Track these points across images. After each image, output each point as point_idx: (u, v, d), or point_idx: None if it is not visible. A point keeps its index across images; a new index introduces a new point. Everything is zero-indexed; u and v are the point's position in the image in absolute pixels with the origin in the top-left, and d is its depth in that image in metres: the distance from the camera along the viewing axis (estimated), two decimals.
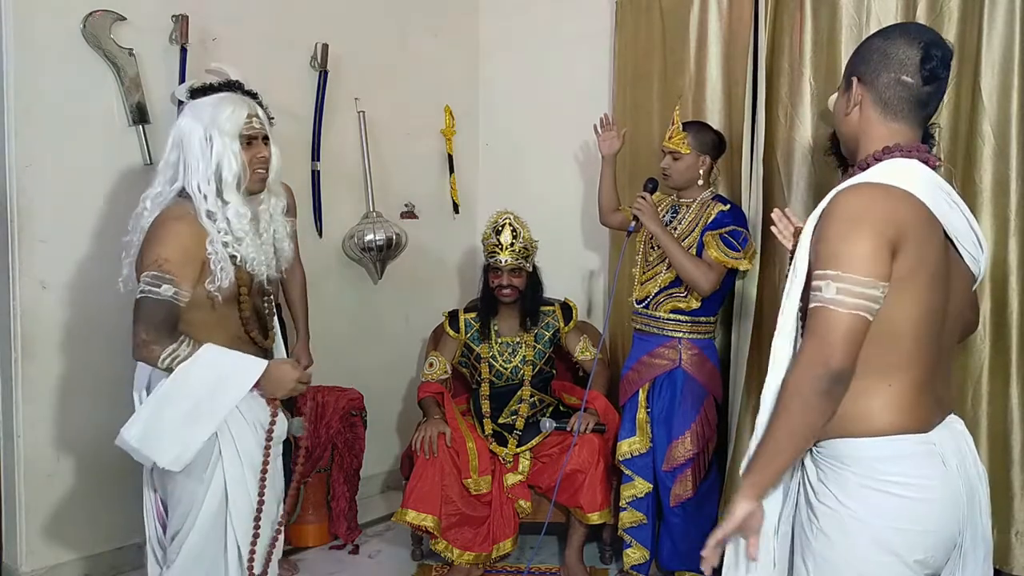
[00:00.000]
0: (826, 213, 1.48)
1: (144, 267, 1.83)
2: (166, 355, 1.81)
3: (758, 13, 3.08)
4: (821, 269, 1.43)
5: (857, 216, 1.43)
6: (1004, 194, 2.77)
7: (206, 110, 1.96)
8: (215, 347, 1.87)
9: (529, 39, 3.92)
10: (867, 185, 1.48)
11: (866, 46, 1.58)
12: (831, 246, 1.43)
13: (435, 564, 3.18)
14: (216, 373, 1.86)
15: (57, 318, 2.86)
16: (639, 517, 2.94)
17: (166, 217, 1.90)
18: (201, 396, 1.85)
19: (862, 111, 1.56)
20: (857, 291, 1.39)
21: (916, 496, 1.45)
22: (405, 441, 3.81)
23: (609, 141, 3.10)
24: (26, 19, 2.73)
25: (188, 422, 1.85)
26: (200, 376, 1.84)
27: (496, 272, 3.15)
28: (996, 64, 2.75)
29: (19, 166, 2.75)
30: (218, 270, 1.90)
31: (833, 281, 1.40)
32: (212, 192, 1.93)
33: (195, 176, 1.93)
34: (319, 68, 3.49)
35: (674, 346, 2.88)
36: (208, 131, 1.94)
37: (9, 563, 2.88)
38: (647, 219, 2.79)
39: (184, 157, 1.95)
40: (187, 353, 1.82)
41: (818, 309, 1.41)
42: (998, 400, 2.82)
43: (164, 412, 1.85)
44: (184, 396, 1.84)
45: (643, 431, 2.93)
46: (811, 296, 1.44)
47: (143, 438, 1.85)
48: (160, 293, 1.81)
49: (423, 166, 3.97)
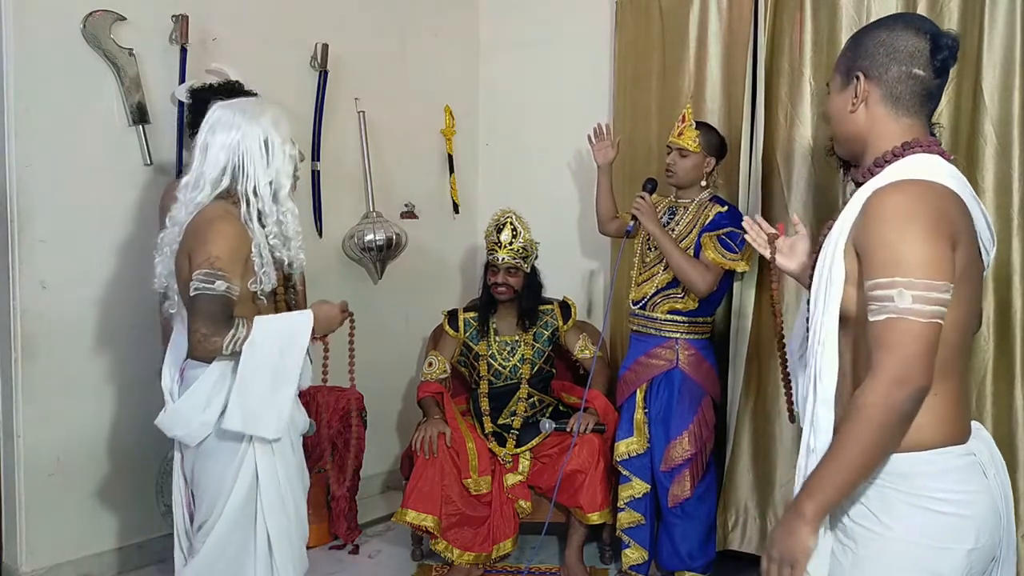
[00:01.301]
0: (871, 215, 1.37)
1: (196, 266, 1.88)
2: (228, 342, 1.87)
3: (758, 13, 3.08)
4: (886, 276, 1.32)
5: (912, 215, 1.33)
6: (1006, 193, 2.77)
7: (269, 117, 2.00)
8: (262, 318, 1.96)
9: (529, 39, 3.92)
10: (910, 182, 1.38)
11: (868, 40, 1.47)
12: (893, 250, 1.32)
13: (435, 564, 3.18)
14: (278, 338, 1.95)
15: (57, 318, 2.86)
16: (637, 518, 2.94)
17: (211, 217, 1.94)
18: (274, 363, 1.94)
19: (869, 108, 1.47)
20: (933, 297, 1.30)
21: (962, 513, 1.37)
22: (405, 441, 3.81)
23: (604, 151, 3.11)
24: (26, 19, 2.73)
25: (273, 390, 1.94)
26: (266, 346, 1.93)
27: (494, 270, 3.16)
28: (997, 63, 2.75)
29: (19, 166, 2.75)
30: (261, 273, 1.97)
31: (906, 289, 1.29)
32: (268, 195, 1.98)
33: (252, 180, 1.97)
34: (319, 68, 3.49)
35: (671, 346, 2.88)
36: (268, 136, 1.98)
37: (9, 563, 2.88)
38: (646, 219, 2.79)
39: (239, 162, 1.97)
40: (245, 333, 1.89)
41: (892, 321, 1.30)
42: (1002, 401, 2.81)
43: (251, 391, 1.92)
44: (261, 369, 1.92)
45: (640, 432, 2.93)
46: (875, 307, 1.33)
47: (245, 421, 1.92)
48: (214, 289, 1.86)
49: (423, 166, 3.97)
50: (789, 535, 1.36)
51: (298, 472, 2.10)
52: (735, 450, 3.08)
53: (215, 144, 1.97)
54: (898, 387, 1.29)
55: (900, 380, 1.29)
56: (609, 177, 3.13)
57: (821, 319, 1.42)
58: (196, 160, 2.00)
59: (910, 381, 1.29)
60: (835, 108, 1.53)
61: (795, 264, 1.76)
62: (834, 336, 1.41)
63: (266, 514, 1.99)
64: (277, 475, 2.01)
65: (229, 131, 1.97)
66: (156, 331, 2.81)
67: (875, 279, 1.33)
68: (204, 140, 2.00)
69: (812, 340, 1.45)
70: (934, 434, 1.38)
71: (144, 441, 2.95)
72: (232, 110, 2.01)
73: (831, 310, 1.41)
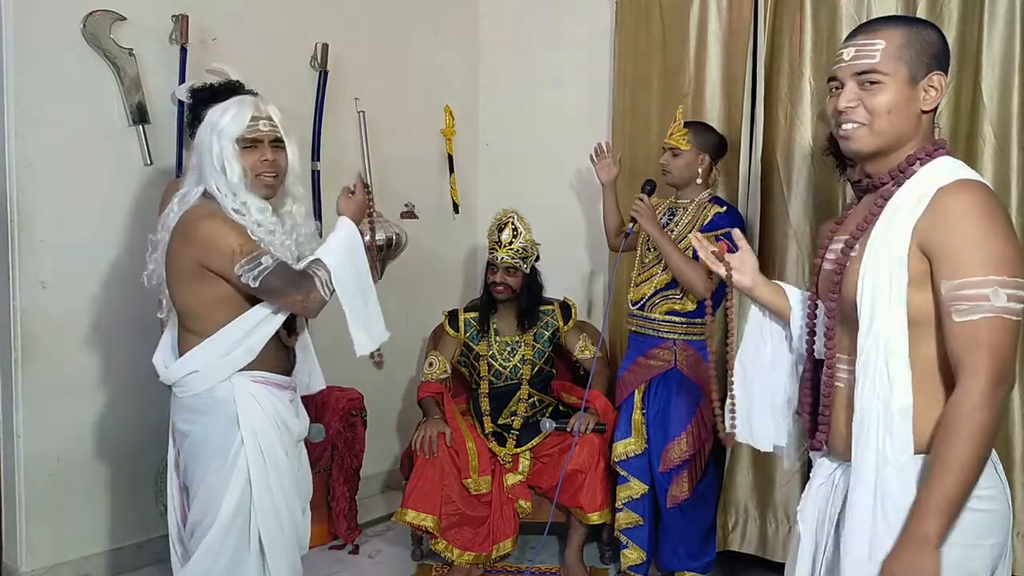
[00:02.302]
0: (946, 215, 1.34)
1: (231, 263, 1.89)
2: (320, 289, 1.94)
3: (758, 13, 3.08)
4: (978, 275, 1.29)
5: (992, 214, 1.33)
6: (1005, 194, 2.76)
7: (215, 113, 2.01)
8: (322, 247, 2.04)
9: (529, 39, 3.92)
10: (976, 182, 1.37)
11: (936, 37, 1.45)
12: (983, 249, 1.30)
13: (435, 564, 3.18)
14: (347, 256, 2.05)
15: (57, 318, 2.86)
16: (635, 518, 2.94)
17: (201, 215, 1.95)
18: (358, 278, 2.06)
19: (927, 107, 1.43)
20: (1022, 295, 1.31)
21: (990, 508, 1.38)
22: (405, 441, 3.81)
23: (606, 168, 3.11)
24: (26, 19, 2.73)
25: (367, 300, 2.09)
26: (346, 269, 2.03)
27: (493, 268, 3.16)
28: (996, 64, 2.75)
29: (19, 166, 2.75)
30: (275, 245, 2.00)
31: (1001, 288, 1.28)
32: (230, 193, 1.98)
33: (211, 178, 1.98)
34: (319, 68, 3.49)
35: (669, 347, 2.88)
36: (212, 134, 1.98)
37: (9, 563, 2.88)
38: (644, 221, 2.79)
39: (200, 160, 2.00)
40: (327, 273, 1.97)
41: (988, 320, 1.29)
42: None
43: (360, 312, 2.05)
44: (356, 290, 2.04)
45: (639, 432, 2.93)
46: (964, 307, 1.30)
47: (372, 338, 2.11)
48: (268, 265, 1.89)
49: (423, 166, 3.97)
50: (915, 567, 1.30)
51: (293, 480, 2.07)
52: (734, 450, 3.08)
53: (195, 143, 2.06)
54: (1000, 387, 1.29)
55: (1001, 380, 1.29)
56: (614, 193, 3.13)
57: (887, 327, 1.37)
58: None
59: (1008, 380, 1.30)
60: (899, 99, 1.42)
61: (749, 280, 1.75)
62: (905, 343, 1.36)
63: (259, 521, 1.97)
64: (269, 483, 1.99)
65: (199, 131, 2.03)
66: (156, 331, 2.81)
67: (964, 278, 1.31)
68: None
69: (873, 350, 1.38)
70: None
71: (143, 441, 2.95)
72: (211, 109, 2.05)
73: (900, 316, 1.36)
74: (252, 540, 1.98)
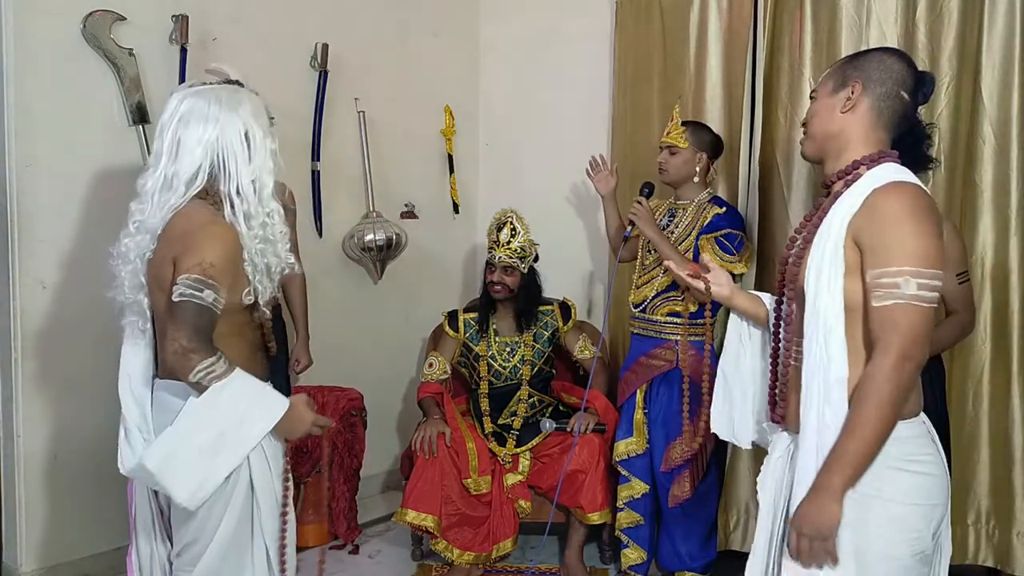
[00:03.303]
0: (874, 212, 1.52)
1: (184, 271, 1.66)
2: (201, 368, 1.64)
3: (758, 13, 3.08)
4: (894, 266, 1.47)
5: (915, 212, 1.49)
6: (1005, 194, 2.77)
7: (243, 105, 1.80)
8: (244, 374, 1.72)
9: (529, 39, 3.92)
10: (907, 184, 1.54)
11: (870, 57, 1.66)
12: (901, 243, 1.48)
13: (435, 564, 3.18)
14: (246, 402, 1.71)
15: (57, 318, 2.86)
16: (636, 518, 2.94)
17: (203, 221, 1.73)
18: (228, 426, 1.70)
19: (855, 113, 1.63)
20: (934, 284, 1.47)
21: (927, 472, 1.55)
22: (405, 441, 3.81)
23: (604, 180, 3.11)
24: (26, 19, 2.73)
25: (211, 453, 1.69)
26: (230, 402, 1.68)
27: (491, 268, 3.16)
28: (996, 64, 2.75)
29: (19, 166, 2.75)
30: (256, 283, 1.79)
31: (912, 277, 1.46)
32: (252, 195, 1.78)
33: (235, 180, 1.76)
34: (319, 68, 3.49)
35: (671, 347, 2.88)
36: (249, 129, 1.78)
37: (9, 563, 2.88)
38: (643, 224, 2.80)
39: (220, 160, 1.76)
40: (222, 371, 1.66)
41: (899, 306, 1.47)
42: (999, 400, 2.82)
43: (188, 440, 1.68)
44: (212, 422, 1.68)
45: (640, 432, 2.93)
46: (881, 293, 1.48)
47: (163, 465, 1.66)
48: (203, 299, 1.65)
49: (423, 166, 3.97)
50: (820, 512, 1.49)
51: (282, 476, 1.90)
52: (736, 450, 3.09)
53: (189, 139, 1.74)
54: (906, 362, 1.46)
55: (907, 356, 1.46)
56: (614, 204, 3.13)
57: (826, 309, 1.55)
58: (164, 157, 1.76)
59: (914, 357, 1.47)
60: (822, 107, 1.68)
61: (727, 290, 1.96)
62: (841, 323, 1.54)
63: (263, 522, 1.82)
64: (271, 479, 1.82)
65: (205, 124, 1.75)
66: None
67: (883, 268, 1.48)
68: (173, 134, 1.75)
69: (814, 328, 1.56)
70: (912, 404, 1.56)
71: None
72: (205, 99, 1.77)
73: (836, 299, 1.54)
74: (256, 546, 1.83)
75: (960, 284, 2.45)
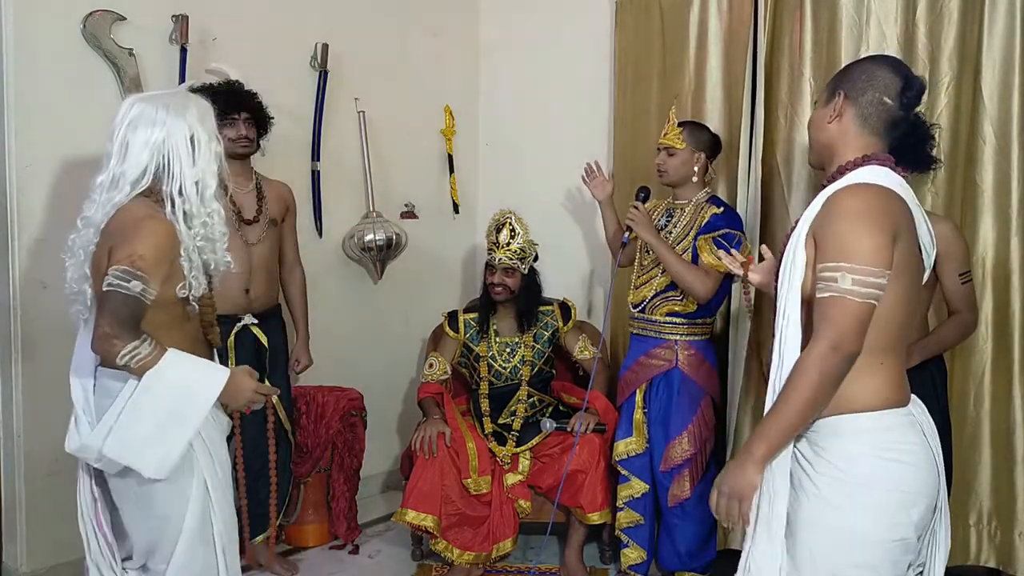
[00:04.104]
0: (828, 211, 1.63)
1: (115, 261, 1.76)
2: (126, 352, 1.74)
3: (758, 13, 3.08)
4: (833, 261, 1.57)
5: (862, 212, 1.59)
6: (1005, 194, 2.77)
7: (189, 110, 1.88)
8: (178, 352, 1.82)
9: (529, 39, 3.92)
10: (863, 185, 1.63)
11: (855, 67, 1.77)
12: (841, 240, 1.58)
13: (435, 564, 3.18)
14: (184, 380, 1.82)
15: (57, 318, 2.84)
16: (636, 517, 2.94)
17: (139, 216, 1.82)
18: (172, 404, 1.81)
19: (842, 122, 1.72)
20: (870, 281, 1.55)
21: (908, 461, 1.62)
22: (405, 441, 3.81)
23: (600, 186, 3.12)
24: (26, 19, 2.73)
25: (165, 428, 1.81)
26: (169, 382, 1.80)
27: (491, 269, 3.16)
28: (996, 64, 2.75)
29: (19, 166, 2.75)
30: (191, 277, 1.87)
31: (848, 273, 1.55)
32: (195, 196, 1.87)
33: (178, 180, 1.85)
34: (319, 68, 3.49)
35: (671, 347, 2.88)
36: (195, 133, 1.87)
37: (9, 563, 2.88)
38: (641, 229, 2.80)
39: (164, 162, 1.85)
40: (148, 353, 1.76)
41: (833, 299, 1.56)
42: (1001, 400, 2.82)
43: (139, 420, 1.79)
44: (157, 404, 1.79)
45: (640, 432, 2.93)
46: (821, 286, 1.59)
47: (122, 448, 1.79)
48: (129, 289, 1.74)
49: (423, 166, 3.97)
50: (741, 474, 1.64)
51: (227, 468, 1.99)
52: (735, 450, 3.08)
53: (136, 142, 1.84)
54: (833, 352, 1.56)
55: (835, 346, 1.55)
56: (612, 209, 3.13)
57: (787, 296, 1.68)
58: (113, 158, 1.86)
59: (843, 348, 1.56)
60: (816, 118, 1.80)
61: (759, 277, 2.06)
62: (798, 310, 1.66)
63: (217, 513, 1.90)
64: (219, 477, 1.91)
65: (152, 128, 1.84)
66: None
67: (824, 263, 1.60)
68: (122, 137, 1.85)
69: (779, 314, 1.69)
70: (884, 397, 1.63)
71: None
72: (153, 105, 1.86)
73: (795, 289, 1.66)
74: (217, 542, 1.92)
75: (963, 284, 2.46)
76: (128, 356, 1.74)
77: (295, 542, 3.31)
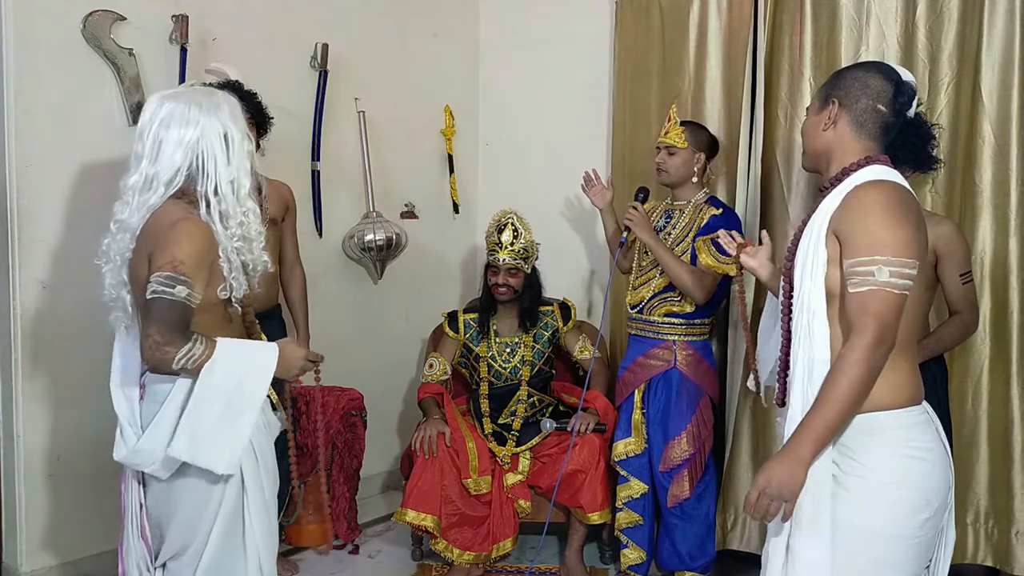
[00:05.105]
0: (852, 206, 1.64)
1: (156, 268, 1.73)
2: (181, 356, 1.71)
3: (758, 13, 3.08)
4: (867, 255, 1.58)
5: (888, 206, 1.60)
6: (1004, 194, 2.77)
7: (222, 108, 1.84)
8: (227, 340, 1.80)
9: (529, 39, 3.92)
10: (883, 181, 1.65)
11: (847, 75, 1.78)
12: (872, 234, 1.59)
13: (435, 564, 3.18)
14: (239, 366, 1.79)
15: (57, 318, 2.86)
16: (635, 518, 2.95)
17: (175, 219, 1.77)
18: (231, 391, 1.78)
19: (837, 129, 1.75)
20: (906, 272, 1.57)
21: (929, 459, 1.64)
22: (405, 441, 3.81)
23: (600, 194, 3.11)
24: (26, 19, 2.73)
25: (228, 421, 1.78)
26: (224, 372, 1.76)
27: (494, 270, 3.16)
28: (996, 64, 2.75)
29: (19, 166, 2.75)
30: (231, 279, 1.83)
31: (884, 265, 1.56)
32: (231, 195, 1.83)
33: (213, 180, 1.81)
34: (319, 68, 3.49)
35: (669, 347, 2.88)
36: (228, 131, 1.83)
37: (9, 563, 2.88)
38: (639, 230, 2.80)
39: (199, 161, 1.81)
40: (201, 351, 1.73)
41: (872, 292, 1.57)
42: (998, 399, 2.82)
43: (203, 418, 1.76)
44: (216, 396, 1.76)
45: (639, 432, 2.93)
46: (856, 280, 1.58)
47: (192, 450, 1.75)
48: (174, 294, 1.71)
49: (423, 166, 3.97)
50: (790, 477, 1.59)
51: (274, 476, 1.96)
52: (734, 450, 3.09)
53: (170, 141, 1.79)
54: (879, 345, 1.56)
55: (880, 340, 1.56)
56: (613, 215, 3.12)
57: (810, 294, 1.68)
58: (145, 159, 1.81)
59: (886, 341, 1.57)
60: (809, 126, 1.82)
61: (755, 262, 2.09)
62: (823, 307, 1.67)
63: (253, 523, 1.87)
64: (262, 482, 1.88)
65: (185, 127, 1.79)
66: None
67: (857, 258, 1.59)
68: (154, 136, 1.80)
69: (799, 312, 1.69)
70: (909, 394, 1.66)
71: None
72: (185, 103, 1.81)
73: (819, 286, 1.67)
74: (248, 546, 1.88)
75: (963, 284, 2.46)
76: (184, 359, 1.72)
77: (295, 542, 3.31)
